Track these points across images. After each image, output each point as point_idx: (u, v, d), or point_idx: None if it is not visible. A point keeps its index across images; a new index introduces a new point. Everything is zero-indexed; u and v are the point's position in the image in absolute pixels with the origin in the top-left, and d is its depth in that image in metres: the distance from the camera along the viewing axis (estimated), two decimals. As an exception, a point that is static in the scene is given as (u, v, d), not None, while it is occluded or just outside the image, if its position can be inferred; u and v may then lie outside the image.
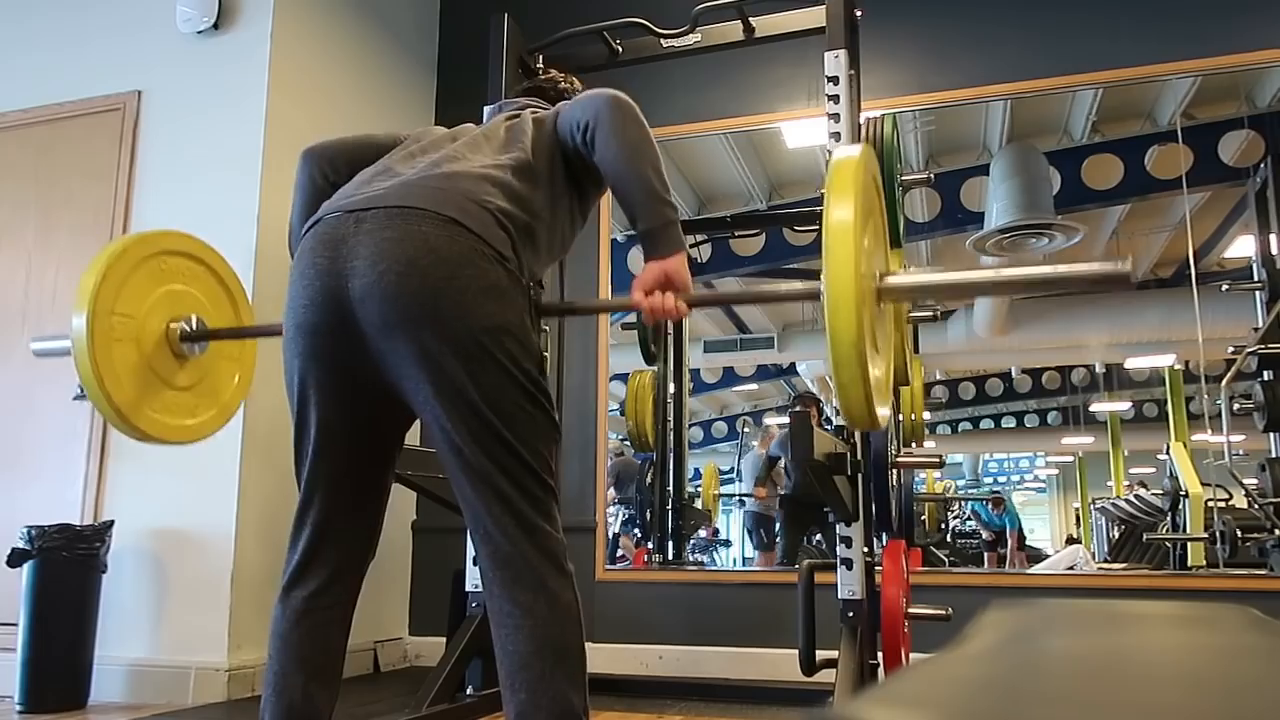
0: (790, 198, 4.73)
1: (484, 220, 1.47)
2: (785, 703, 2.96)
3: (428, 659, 3.73)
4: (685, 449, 4.46)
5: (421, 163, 1.57)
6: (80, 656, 2.93)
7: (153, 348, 1.98)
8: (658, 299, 1.53)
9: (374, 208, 1.46)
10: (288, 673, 1.53)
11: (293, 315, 1.51)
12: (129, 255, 1.95)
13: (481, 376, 1.43)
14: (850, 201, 1.39)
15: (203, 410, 2.12)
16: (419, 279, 1.40)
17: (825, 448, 2.12)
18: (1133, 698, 0.43)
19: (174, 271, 2.06)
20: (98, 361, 1.85)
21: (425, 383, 1.43)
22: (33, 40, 3.75)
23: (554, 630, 1.43)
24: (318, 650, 1.57)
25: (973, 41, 3.75)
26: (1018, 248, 4.58)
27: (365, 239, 1.43)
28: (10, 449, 3.46)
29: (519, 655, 1.42)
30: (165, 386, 2.01)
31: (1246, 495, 3.64)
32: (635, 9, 3.03)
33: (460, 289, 1.41)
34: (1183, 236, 3.90)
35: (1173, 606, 0.81)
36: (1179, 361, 4.57)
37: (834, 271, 1.36)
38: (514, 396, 1.46)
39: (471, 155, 1.58)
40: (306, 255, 1.51)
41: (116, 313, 1.91)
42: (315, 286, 1.47)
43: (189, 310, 2.07)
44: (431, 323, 1.41)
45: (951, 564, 4.59)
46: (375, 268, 1.41)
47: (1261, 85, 3.72)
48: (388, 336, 1.42)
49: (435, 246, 1.42)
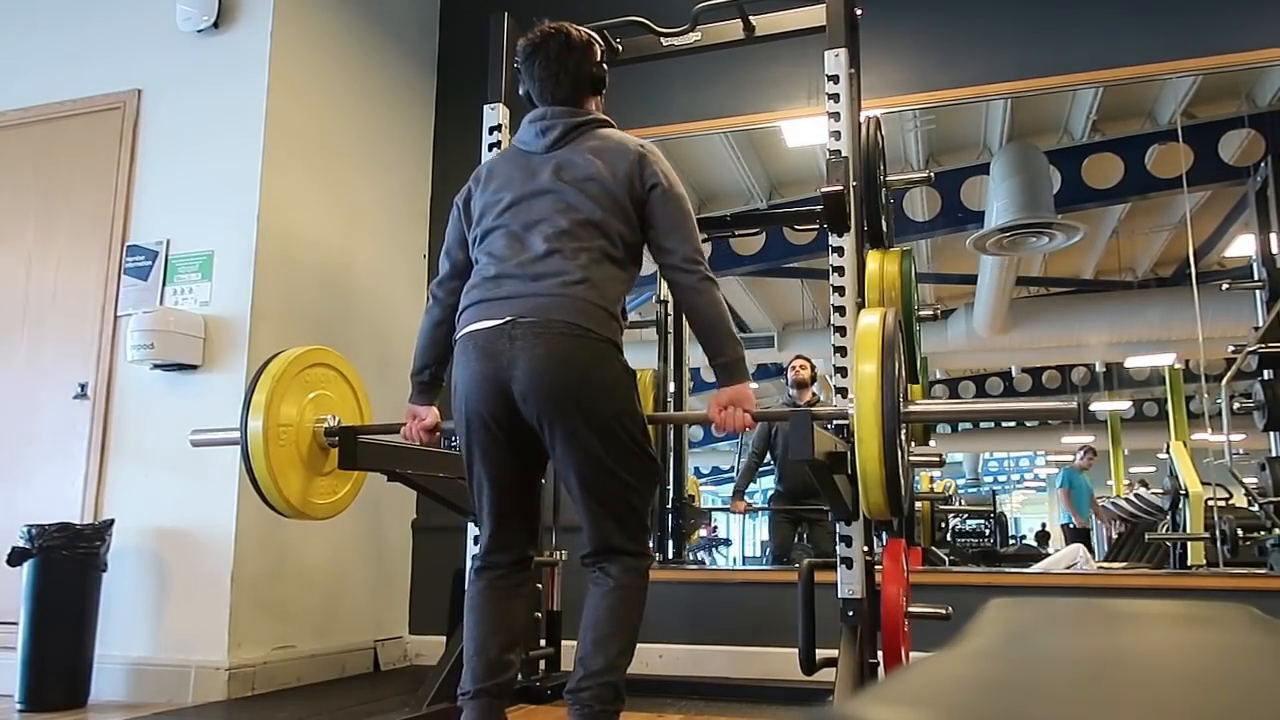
0: (790, 196, 4.73)
1: (601, 319, 1.95)
2: (785, 702, 2.96)
3: (428, 658, 3.73)
4: (685, 448, 4.46)
5: (534, 263, 1.98)
6: (80, 655, 2.93)
7: (307, 445, 2.40)
8: (730, 414, 2.02)
9: (523, 319, 1.92)
10: (486, 636, 2.01)
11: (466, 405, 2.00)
12: (285, 376, 2.36)
13: (610, 445, 1.98)
14: (875, 360, 1.98)
15: (341, 488, 2.54)
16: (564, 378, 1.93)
17: (825, 447, 2.12)
18: (1133, 696, 0.43)
19: (320, 379, 2.50)
20: (273, 467, 2.27)
21: (564, 450, 1.96)
22: (33, 39, 3.74)
23: (622, 608, 2.00)
24: (510, 618, 2.07)
25: (973, 40, 3.75)
26: (1018, 246, 4.59)
27: (520, 353, 1.91)
28: (10, 448, 3.46)
29: (595, 620, 1.97)
30: (317, 475, 2.44)
31: (1247, 494, 3.64)
32: (635, 8, 3.02)
33: (594, 382, 1.95)
34: (1183, 235, 3.90)
35: (1173, 605, 0.81)
36: (1179, 361, 4.58)
37: (863, 409, 1.97)
38: (624, 456, 2.00)
39: (572, 247, 1.98)
40: (474, 363, 1.98)
41: (281, 424, 2.34)
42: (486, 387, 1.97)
43: (329, 410, 2.48)
44: (576, 409, 1.93)
45: (952, 563, 4.59)
46: (531, 375, 1.91)
47: (1262, 84, 3.72)
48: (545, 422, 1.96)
49: (571, 353, 1.92)
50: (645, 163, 2.05)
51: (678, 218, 2.05)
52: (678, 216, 2.05)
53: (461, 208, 2.18)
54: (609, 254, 2.00)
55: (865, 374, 1.97)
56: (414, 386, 2.21)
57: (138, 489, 3.23)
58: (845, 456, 2.30)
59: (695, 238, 2.05)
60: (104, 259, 3.45)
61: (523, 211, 2.03)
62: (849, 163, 2.49)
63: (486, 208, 2.09)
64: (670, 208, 2.04)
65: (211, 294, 3.29)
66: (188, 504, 3.17)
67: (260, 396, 2.29)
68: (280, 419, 2.32)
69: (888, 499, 1.97)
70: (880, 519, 2.05)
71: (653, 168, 2.05)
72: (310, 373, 2.46)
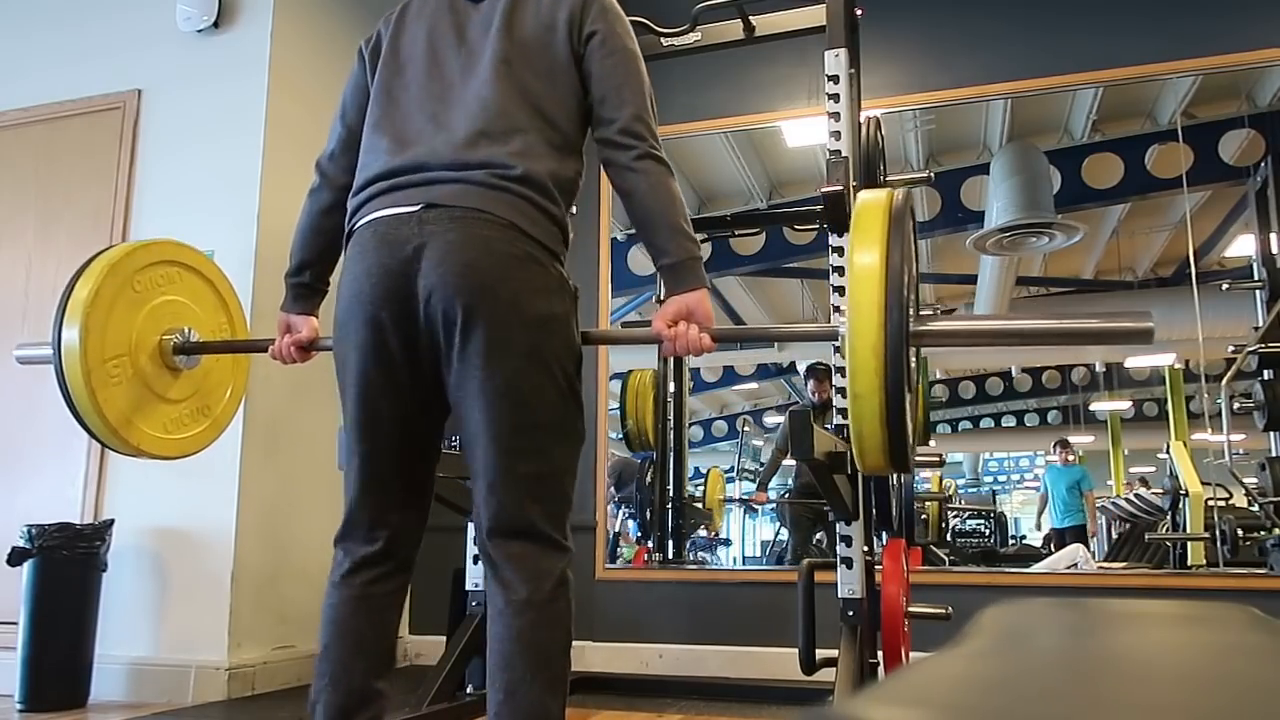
0: (790, 196, 4.73)
1: (540, 221, 1.52)
2: (785, 702, 2.96)
3: (428, 658, 3.73)
4: (685, 448, 4.46)
5: (458, 148, 1.54)
6: (80, 655, 2.93)
7: (145, 361, 1.92)
8: (682, 330, 1.55)
9: (434, 205, 1.49)
10: (346, 660, 1.52)
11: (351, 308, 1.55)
12: (104, 292, 1.86)
13: (535, 374, 1.49)
14: (879, 245, 1.38)
15: (195, 424, 2.08)
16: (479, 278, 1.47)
17: (825, 446, 2.12)
18: (1133, 697, 0.43)
19: (161, 282, 2.00)
20: (93, 386, 1.82)
21: (474, 376, 1.48)
22: (32, 39, 3.74)
23: (542, 635, 1.46)
24: (378, 635, 1.56)
25: (973, 41, 3.75)
26: (1018, 247, 4.58)
27: (431, 238, 1.48)
28: (10, 448, 3.46)
29: (504, 654, 1.45)
30: (159, 400, 1.97)
31: (1247, 494, 3.64)
32: (635, 8, 3.01)
33: (522, 287, 1.49)
34: (1183, 235, 3.90)
35: (1173, 606, 0.81)
36: (1179, 360, 4.57)
37: (859, 319, 1.36)
38: (552, 397, 1.52)
39: (503, 128, 1.54)
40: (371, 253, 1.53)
41: (109, 359, 1.85)
42: (381, 284, 1.51)
43: (181, 321, 2.01)
44: (494, 315, 1.47)
45: (952, 563, 4.59)
46: (441, 264, 1.47)
47: (1262, 84, 3.72)
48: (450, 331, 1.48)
49: (498, 248, 1.48)
50: (588, 7, 1.60)
51: (617, 75, 1.58)
52: (618, 74, 1.58)
53: (368, 59, 1.74)
54: (549, 139, 1.56)
55: (863, 268, 1.38)
56: (289, 290, 1.74)
57: (137, 489, 3.23)
58: (845, 456, 2.30)
59: (642, 103, 1.58)
60: (104, 259, 3.45)
61: (441, 77, 1.61)
62: (849, 163, 2.49)
63: (400, 65, 1.66)
64: (611, 62, 1.58)
65: (211, 294, 3.29)
66: (188, 504, 3.17)
67: (82, 293, 1.82)
68: (108, 328, 1.85)
69: (888, 447, 1.42)
70: (876, 473, 1.53)
71: (595, 10, 1.60)
72: (149, 274, 1.97)
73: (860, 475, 2.45)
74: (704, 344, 1.55)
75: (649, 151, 1.55)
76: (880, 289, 1.35)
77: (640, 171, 1.54)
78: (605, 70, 1.58)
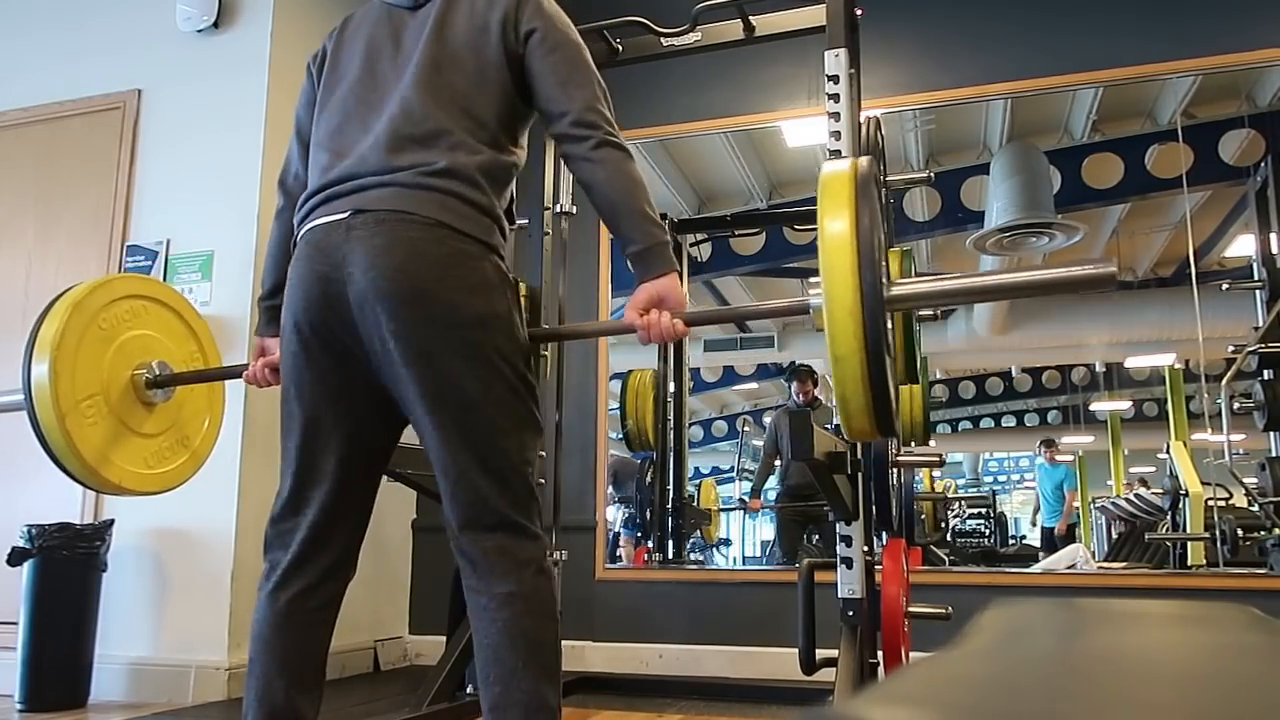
0: (790, 196, 4.73)
1: (470, 216, 1.51)
2: (785, 702, 2.96)
3: (428, 658, 3.73)
4: (685, 448, 4.46)
5: (385, 152, 1.54)
6: (80, 655, 2.93)
7: (118, 398, 1.92)
8: (654, 318, 1.54)
9: (361, 210, 1.50)
10: (271, 677, 1.49)
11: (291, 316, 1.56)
12: (70, 332, 1.86)
13: (480, 371, 1.49)
14: (847, 211, 1.39)
15: (175, 456, 2.06)
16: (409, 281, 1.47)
17: (825, 446, 2.12)
18: (1133, 697, 0.43)
19: (127, 317, 1.99)
20: (68, 429, 1.84)
21: (414, 381, 1.48)
22: (32, 39, 3.74)
23: (528, 623, 1.46)
24: (305, 653, 1.53)
25: (973, 41, 3.75)
26: (1018, 247, 4.58)
27: (357, 244, 1.49)
28: (10, 448, 3.45)
29: (492, 648, 1.45)
30: (135, 436, 1.97)
31: (1247, 494, 3.64)
32: (635, 8, 3.02)
33: (456, 285, 1.48)
34: (1183, 235, 3.90)
35: (1173, 606, 0.81)
36: (1179, 361, 4.57)
37: (834, 284, 1.37)
38: (500, 391, 1.51)
39: (429, 129, 1.55)
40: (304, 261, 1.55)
41: (81, 400, 1.85)
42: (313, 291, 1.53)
43: (151, 355, 2.01)
44: (430, 318, 1.47)
45: (952, 563, 4.59)
46: (369, 270, 1.47)
47: (1262, 84, 3.72)
48: (383, 338, 1.48)
49: (426, 250, 1.47)
50: (522, 6, 1.60)
51: (562, 69, 1.57)
52: (562, 69, 1.57)
53: (315, 72, 1.73)
54: (478, 137, 1.56)
55: (833, 235, 1.37)
56: (262, 314, 1.75)
57: (138, 489, 3.23)
58: (845, 456, 2.30)
59: (591, 92, 1.57)
60: (104, 259, 3.45)
61: (375, 86, 1.61)
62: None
63: (339, 77, 1.66)
64: (555, 58, 1.58)
65: (211, 294, 3.29)
66: (188, 504, 3.15)
67: (49, 332, 1.83)
68: (77, 368, 1.85)
69: (872, 409, 1.41)
70: (863, 438, 1.54)
71: (530, 9, 1.60)
72: (112, 311, 1.96)
73: (860, 475, 2.45)
74: (677, 330, 1.54)
75: (605, 139, 1.53)
76: (853, 252, 1.36)
77: (598, 161, 1.52)
78: (549, 66, 1.58)
